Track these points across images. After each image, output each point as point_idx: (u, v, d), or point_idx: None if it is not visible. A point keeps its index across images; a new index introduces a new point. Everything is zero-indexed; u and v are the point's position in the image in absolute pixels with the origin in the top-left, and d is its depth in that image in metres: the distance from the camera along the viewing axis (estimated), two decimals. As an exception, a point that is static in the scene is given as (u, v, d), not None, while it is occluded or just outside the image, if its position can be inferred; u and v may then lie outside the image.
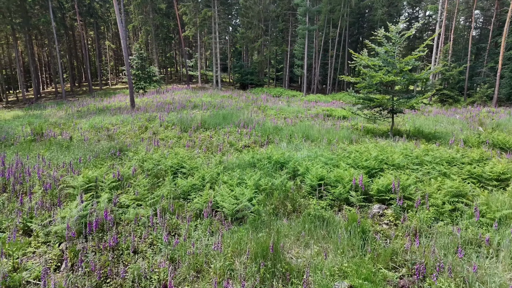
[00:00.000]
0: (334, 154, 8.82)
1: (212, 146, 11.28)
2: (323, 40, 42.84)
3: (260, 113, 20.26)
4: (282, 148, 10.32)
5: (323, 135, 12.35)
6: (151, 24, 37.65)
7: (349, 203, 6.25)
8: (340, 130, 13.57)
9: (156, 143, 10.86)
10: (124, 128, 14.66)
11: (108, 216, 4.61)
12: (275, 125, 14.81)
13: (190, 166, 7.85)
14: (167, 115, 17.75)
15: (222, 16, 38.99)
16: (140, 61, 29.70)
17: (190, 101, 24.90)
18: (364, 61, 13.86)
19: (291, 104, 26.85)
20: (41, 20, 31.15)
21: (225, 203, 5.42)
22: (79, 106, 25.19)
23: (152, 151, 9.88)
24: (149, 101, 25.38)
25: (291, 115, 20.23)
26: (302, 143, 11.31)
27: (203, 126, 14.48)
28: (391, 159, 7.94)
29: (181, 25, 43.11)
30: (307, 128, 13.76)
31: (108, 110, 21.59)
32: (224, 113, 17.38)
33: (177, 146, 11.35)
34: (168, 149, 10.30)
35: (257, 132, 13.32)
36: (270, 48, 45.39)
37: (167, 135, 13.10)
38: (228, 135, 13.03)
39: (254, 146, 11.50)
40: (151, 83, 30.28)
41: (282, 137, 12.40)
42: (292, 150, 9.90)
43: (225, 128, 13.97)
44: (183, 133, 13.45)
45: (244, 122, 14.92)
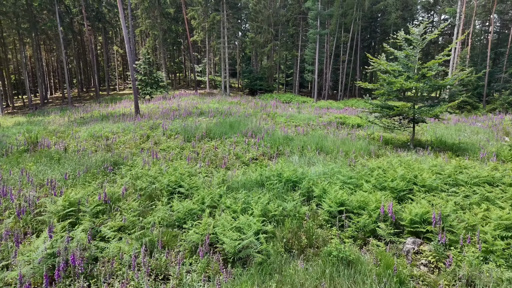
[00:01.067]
0: (354, 171, 7.80)
1: (216, 158, 10.35)
2: (335, 45, 41.86)
3: (270, 120, 19.34)
4: (294, 162, 9.33)
5: (338, 147, 11.33)
6: (159, 28, 37.16)
7: (376, 235, 5.23)
8: (357, 141, 12.52)
9: (155, 156, 9.98)
10: (124, 137, 13.86)
11: (76, 260, 3.68)
12: (285, 134, 13.85)
13: (190, 185, 6.93)
14: (171, 122, 16.94)
15: (231, 21, 38.35)
16: (146, 66, 29.11)
17: (197, 107, 24.12)
18: (383, 66, 12.83)
19: (301, 110, 25.88)
20: (48, 24, 30.89)
21: (226, 238, 4.46)
22: (83, 112, 24.63)
23: (150, 164, 9.01)
24: (154, 108, 24.68)
25: (302, 122, 19.25)
26: (315, 156, 10.31)
27: (208, 135, 13.60)
28: (421, 179, 6.89)
29: (189, 30, 42.60)
30: (320, 138, 12.76)
31: (112, 116, 20.91)
32: (231, 121, 16.49)
33: (178, 159, 10.47)
34: (167, 163, 9.41)
35: (266, 142, 12.37)
36: (280, 53, 44.55)
37: (169, 145, 12.25)
38: (234, 145, 12.11)
39: (263, 158, 10.55)
40: (157, 89, 29.64)
41: (293, 149, 11.42)
42: (305, 165, 8.91)
43: (232, 137, 13.06)
44: (186, 143, 12.58)
45: (252, 131, 13.99)
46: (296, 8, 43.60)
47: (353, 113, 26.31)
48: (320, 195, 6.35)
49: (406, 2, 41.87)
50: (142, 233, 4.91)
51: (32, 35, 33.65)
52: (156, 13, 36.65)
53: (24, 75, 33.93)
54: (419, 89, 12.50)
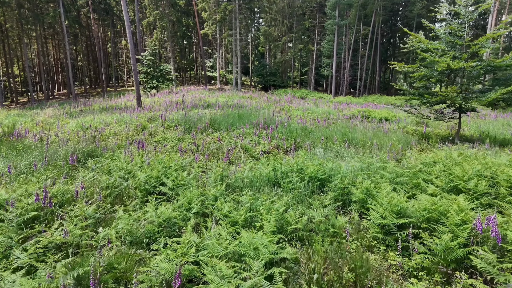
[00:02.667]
0: (403, 167, 5.77)
1: (219, 152, 8.44)
2: (353, 38, 39.54)
3: (284, 113, 17.39)
4: (318, 155, 7.34)
5: (370, 139, 9.28)
6: (167, 20, 35.57)
7: (467, 267, 3.22)
8: (392, 133, 10.42)
9: (142, 147, 8.13)
10: (117, 128, 12.12)
11: None
12: (304, 125, 11.86)
13: (176, 182, 5.03)
14: (173, 113, 15.17)
15: (244, 11, 36.53)
16: (152, 58, 27.49)
17: (204, 100, 22.34)
18: (423, 44, 10.69)
19: (319, 105, 23.79)
20: (50, 15, 29.66)
21: (214, 276, 2.52)
22: (83, 106, 23.15)
23: (137, 156, 7.18)
24: (159, 101, 23.02)
25: (320, 116, 17.23)
26: (344, 149, 8.29)
27: (212, 126, 11.72)
28: (507, 177, 4.81)
29: (200, 23, 40.99)
30: (346, 129, 10.71)
31: (112, 109, 19.32)
32: (240, 113, 14.60)
33: (174, 152, 8.62)
34: (156, 155, 7.56)
35: (280, 134, 10.42)
36: (295, 47, 42.45)
37: (165, 137, 10.42)
38: (242, 137, 10.20)
39: (277, 152, 8.59)
40: (164, 82, 27.99)
41: (315, 142, 9.42)
42: (333, 159, 6.92)
43: (240, 129, 11.15)
44: (186, 135, 10.73)
45: (264, 122, 12.05)
46: (313, 0, 41.48)
47: (376, 107, 24.08)
48: (362, 200, 4.36)
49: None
50: (85, 256, 3.01)
51: (37, 27, 32.54)
52: (165, 3, 35.09)
53: (26, 70, 32.84)
54: (469, 70, 10.32)
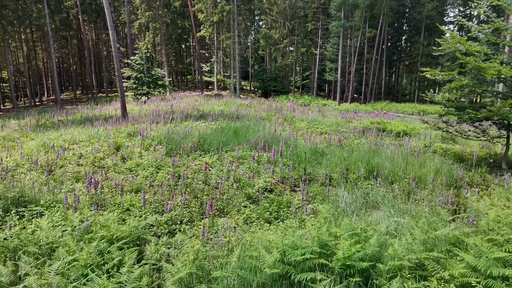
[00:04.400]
0: (478, 230, 3.68)
1: (204, 190, 6.38)
2: (359, 41, 37.63)
3: (287, 125, 15.36)
4: (343, 205, 5.25)
5: (403, 169, 7.20)
6: (161, 21, 33.60)
7: None
8: (424, 157, 8.32)
9: (95, 186, 6.04)
10: (86, 148, 10.06)
11: None
12: (312, 146, 9.80)
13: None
14: (157, 127, 13.13)
15: (243, 13, 34.63)
16: (143, 62, 25.52)
17: (198, 109, 20.33)
18: (463, 45, 8.65)
19: (325, 114, 21.74)
20: (33, 15, 27.71)
21: None
22: (65, 115, 21.11)
23: (87, 199, 5.13)
24: (148, 109, 20.98)
25: (329, 129, 15.22)
26: (373, 186, 6.24)
27: (201, 146, 9.67)
28: None
29: (196, 25, 39.09)
30: (367, 153, 8.64)
31: (95, 119, 17.32)
32: (236, 127, 12.56)
33: (145, 185, 6.58)
34: (116, 198, 5.53)
35: (285, 159, 8.36)
36: (297, 51, 40.51)
37: (140, 162, 8.36)
38: (237, 163, 8.16)
39: (282, 189, 6.52)
40: (155, 88, 25.98)
41: (330, 170, 7.36)
42: (365, 212, 4.85)
43: (235, 150, 9.10)
44: (167, 159, 8.67)
45: (264, 141, 10.00)
46: (316, 0, 39.61)
47: (388, 117, 22.05)
48: None
49: (442, -8, 37.44)
50: None
51: (20, 29, 30.62)
52: (158, 3, 33.19)
53: (9, 75, 30.84)
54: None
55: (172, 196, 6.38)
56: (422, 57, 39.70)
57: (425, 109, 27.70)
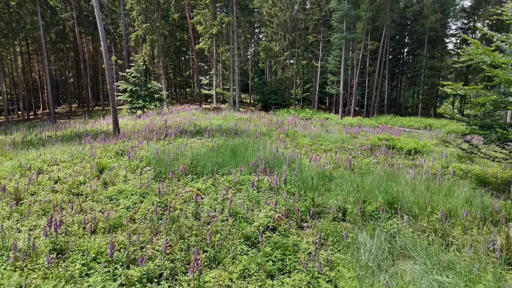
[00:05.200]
0: None
1: (193, 227, 5.33)
2: (361, 54, 37.01)
3: (289, 142, 14.36)
4: (365, 254, 4.21)
5: (426, 198, 6.17)
6: (158, 33, 32.98)
7: None
8: (448, 183, 7.30)
9: (56, 227, 4.99)
10: (66, 170, 9.05)
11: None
12: (320, 167, 8.78)
13: None
14: (148, 145, 12.14)
15: (242, 24, 34.05)
16: (138, 74, 24.72)
17: (195, 124, 19.36)
18: (488, 57, 7.71)
19: (328, 129, 20.76)
20: (27, 27, 27.05)
21: None
22: (55, 130, 20.16)
23: (44, 243, 4.10)
24: (143, 124, 20.05)
25: (333, 146, 14.21)
26: (395, 221, 5.20)
27: (194, 168, 8.64)
28: None
29: (195, 37, 38.53)
30: (382, 178, 7.62)
31: (85, 135, 16.37)
32: (235, 144, 11.58)
33: (125, 219, 5.55)
34: (82, 240, 4.50)
35: (289, 185, 7.33)
36: (298, 63, 39.84)
37: (123, 188, 7.34)
38: (234, 190, 7.14)
39: (287, 227, 5.47)
40: (151, 102, 25.11)
41: (344, 200, 6.33)
42: (394, 262, 3.81)
43: (232, 173, 8.08)
44: (154, 184, 7.65)
45: (265, 162, 8.98)
46: (317, 13, 39.16)
47: (394, 132, 21.09)
48: None
49: (445, 4, 36.92)
50: None
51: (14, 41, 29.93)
52: (156, 15, 32.62)
53: (3, 88, 30.03)
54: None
55: (155, 234, 5.35)
56: (425, 69, 39.04)
57: (432, 123, 26.80)
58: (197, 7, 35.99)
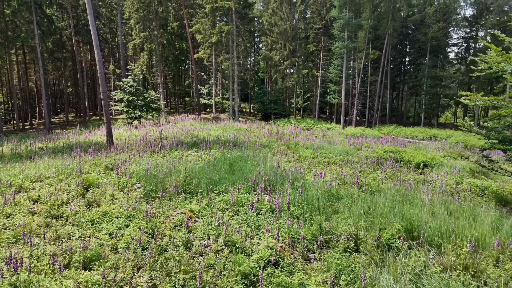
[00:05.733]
0: None
1: (182, 260, 4.61)
2: (363, 63, 36.56)
3: (291, 154, 13.66)
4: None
5: (447, 223, 5.46)
6: (156, 42, 32.54)
7: None
8: (469, 204, 6.59)
9: (15, 266, 4.29)
10: (48, 189, 8.34)
11: None
12: (326, 186, 8.07)
13: None
14: (141, 158, 11.46)
15: (242, 33, 33.67)
16: (135, 84, 24.16)
17: (192, 135, 18.71)
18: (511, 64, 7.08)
19: (331, 140, 20.06)
20: (22, 36, 26.60)
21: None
22: (48, 141, 19.51)
23: None
24: (138, 135, 19.40)
25: (337, 158, 13.48)
26: (420, 255, 4.49)
27: (187, 186, 7.92)
28: None
29: (194, 46, 38.15)
30: (393, 198, 6.91)
31: (78, 147, 15.71)
32: (232, 158, 10.89)
33: (105, 248, 4.84)
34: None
35: (293, 206, 6.62)
36: (298, 72, 39.40)
37: (108, 209, 6.64)
38: (231, 212, 6.43)
39: (292, 261, 4.75)
40: (148, 111, 24.51)
41: (355, 225, 5.62)
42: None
43: (229, 192, 7.38)
44: (142, 205, 6.95)
45: (265, 180, 8.26)
46: (317, 22, 38.85)
47: (399, 143, 20.41)
48: None
49: (447, 12, 36.61)
50: None
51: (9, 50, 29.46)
52: (154, 24, 32.23)
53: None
54: None
55: (138, 269, 4.64)
56: (427, 79, 38.56)
57: (436, 134, 26.15)
58: (196, 16, 35.67)
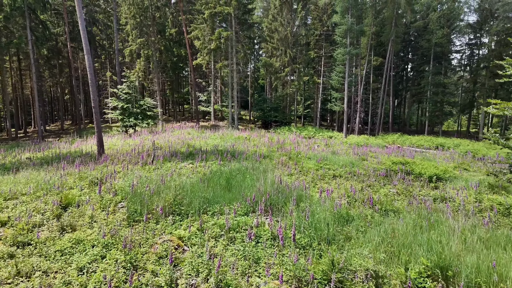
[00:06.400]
0: None
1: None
2: (365, 70, 35.87)
3: (293, 166, 12.77)
4: None
5: (487, 259, 4.57)
6: (153, 48, 31.84)
7: None
8: (503, 230, 5.71)
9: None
10: (21, 208, 7.45)
11: None
12: (334, 206, 7.17)
13: None
14: (131, 171, 10.59)
15: (241, 39, 33.01)
16: (130, 91, 23.39)
17: (189, 145, 17.85)
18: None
19: (334, 150, 19.17)
20: (14, 41, 25.90)
21: None
22: (37, 151, 18.66)
23: None
24: (133, 144, 18.54)
25: (343, 170, 12.61)
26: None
27: (177, 207, 7.03)
28: None
29: (193, 53, 37.47)
30: (414, 223, 6.03)
31: (68, 157, 14.85)
32: (230, 171, 10.02)
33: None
34: None
35: (299, 233, 5.73)
36: (299, 79, 38.68)
37: (81, 236, 5.75)
38: (226, 241, 5.53)
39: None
40: (143, 119, 23.69)
41: (372, 255, 4.74)
42: None
43: (224, 213, 6.49)
44: (123, 229, 6.06)
45: (266, 200, 7.37)
46: (319, 28, 38.26)
47: (406, 153, 19.53)
48: None
49: (450, 18, 36.01)
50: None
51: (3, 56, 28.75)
52: (151, 29, 31.58)
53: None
54: None
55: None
56: (431, 86, 37.84)
57: (443, 143, 25.28)
58: (195, 22, 35.04)
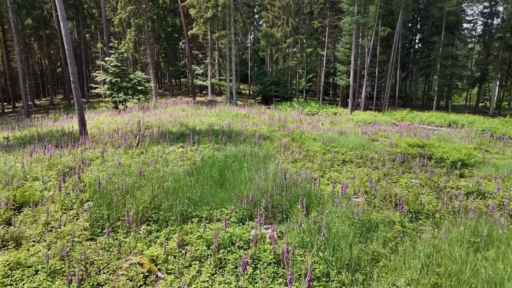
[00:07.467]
0: None
1: None
2: (372, 41, 33.70)
3: (296, 150, 11.31)
4: None
5: None
6: (145, 17, 29.64)
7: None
8: None
9: None
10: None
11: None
12: (356, 215, 5.78)
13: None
14: (109, 159, 9.14)
15: (240, 7, 30.72)
16: (119, 64, 21.58)
17: (181, 123, 16.34)
18: None
19: (340, 128, 17.61)
20: (-10, 8, 23.83)
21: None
22: (18, 129, 17.18)
23: None
24: (121, 122, 17.02)
25: (353, 154, 11.16)
26: None
27: (154, 211, 5.61)
28: None
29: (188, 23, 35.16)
30: (461, 239, 4.64)
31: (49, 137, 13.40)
32: (225, 159, 8.59)
33: None
34: None
35: (311, 256, 4.34)
36: (302, 51, 36.53)
37: (24, 256, 4.38)
38: (213, 266, 4.14)
39: None
40: (134, 95, 22.02)
41: None
42: None
43: (213, 220, 5.10)
44: (82, 242, 4.67)
45: (267, 198, 5.94)
46: (323, -5, 35.78)
47: (419, 132, 18.00)
48: None
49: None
50: None
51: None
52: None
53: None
54: None
55: None
56: (442, 58, 35.79)
57: (456, 120, 23.71)
58: (190, -12, 32.57)
